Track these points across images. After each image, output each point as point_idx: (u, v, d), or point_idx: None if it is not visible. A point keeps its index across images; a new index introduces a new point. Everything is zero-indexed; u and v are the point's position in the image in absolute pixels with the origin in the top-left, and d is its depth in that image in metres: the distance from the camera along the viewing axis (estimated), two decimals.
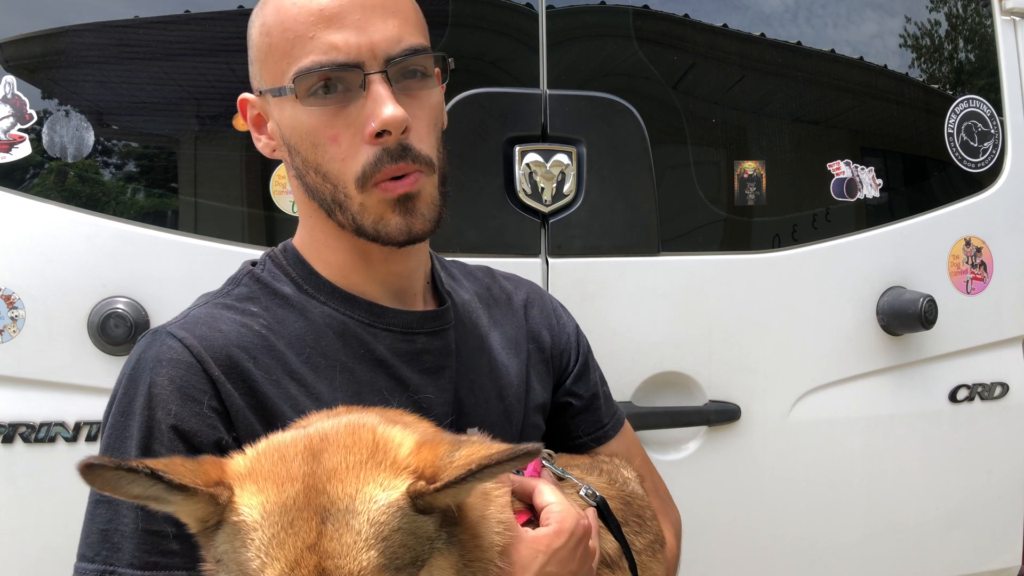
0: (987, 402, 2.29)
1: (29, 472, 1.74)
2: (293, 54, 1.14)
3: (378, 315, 1.22)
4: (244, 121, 1.28)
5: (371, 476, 0.87)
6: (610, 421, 1.49)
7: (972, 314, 2.28)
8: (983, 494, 2.29)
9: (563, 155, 1.98)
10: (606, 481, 1.29)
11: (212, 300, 1.22)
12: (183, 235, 1.82)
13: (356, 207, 1.16)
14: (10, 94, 1.78)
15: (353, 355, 1.19)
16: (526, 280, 1.52)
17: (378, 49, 1.12)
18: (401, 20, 1.16)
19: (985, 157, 2.34)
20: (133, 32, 1.85)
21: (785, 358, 2.12)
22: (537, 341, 1.42)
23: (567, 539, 1.01)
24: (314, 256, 1.25)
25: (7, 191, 1.76)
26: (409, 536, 0.86)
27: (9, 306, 1.73)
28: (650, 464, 1.55)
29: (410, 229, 1.17)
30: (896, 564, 2.23)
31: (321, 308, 1.21)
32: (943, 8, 2.37)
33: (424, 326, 1.25)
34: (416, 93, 1.17)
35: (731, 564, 2.12)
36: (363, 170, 1.14)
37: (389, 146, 1.13)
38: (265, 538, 0.84)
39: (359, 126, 1.13)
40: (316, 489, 0.86)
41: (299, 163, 1.19)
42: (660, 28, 2.16)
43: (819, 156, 2.23)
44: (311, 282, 1.23)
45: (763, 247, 2.18)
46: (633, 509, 1.27)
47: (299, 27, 1.13)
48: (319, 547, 0.83)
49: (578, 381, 1.46)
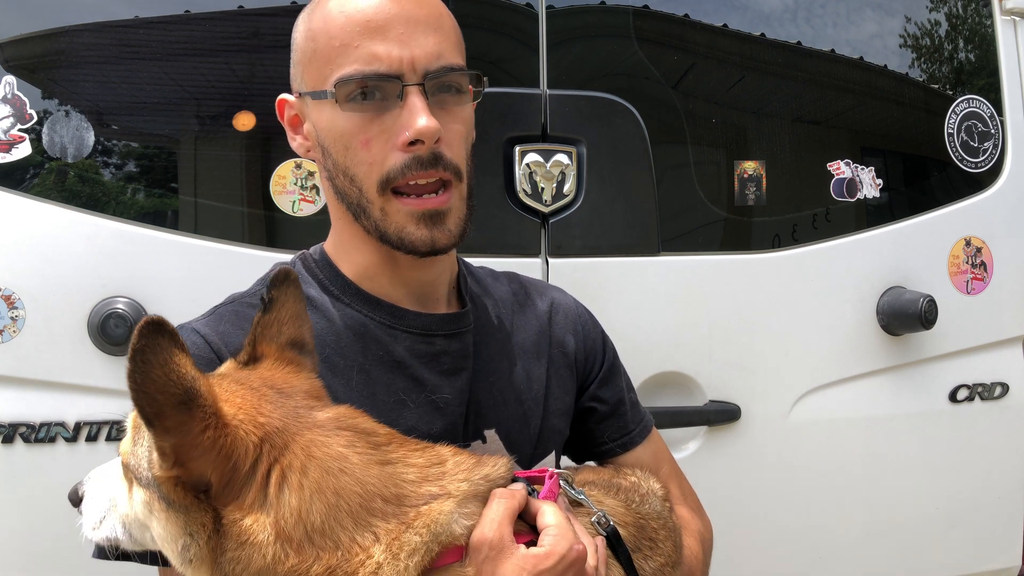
0: (987, 402, 2.29)
1: (29, 472, 1.74)
2: (337, 61, 1.18)
3: (399, 317, 1.26)
4: (280, 120, 1.32)
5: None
6: (636, 427, 1.49)
7: (972, 314, 2.28)
8: (983, 494, 2.29)
9: (563, 155, 1.98)
10: (623, 502, 1.28)
11: (239, 299, 1.28)
12: (183, 235, 1.83)
13: (377, 212, 1.20)
14: (10, 94, 1.78)
15: (372, 356, 1.24)
16: (553, 286, 1.55)
17: (418, 63, 1.17)
18: (442, 37, 1.21)
19: (985, 157, 2.34)
20: (133, 32, 1.85)
21: (785, 358, 2.12)
22: (561, 346, 1.44)
23: (556, 562, 1.01)
24: (342, 258, 1.30)
25: (7, 191, 1.76)
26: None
27: (9, 306, 1.73)
28: (679, 472, 1.55)
29: (434, 242, 1.20)
30: (896, 564, 2.23)
31: (344, 310, 1.26)
32: (943, 8, 2.37)
33: (443, 328, 1.28)
34: (450, 108, 1.22)
35: (731, 564, 2.12)
36: (387, 174, 1.18)
37: (421, 155, 1.17)
38: None
39: (392, 134, 1.17)
40: None
41: (331, 165, 1.23)
42: (660, 28, 2.16)
43: (819, 156, 2.23)
44: (337, 284, 1.28)
45: (763, 247, 2.18)
46: (646, 533, 1.26)
47: (345, 36, 1.18)
48: None
49: (604, 386, 1.47)
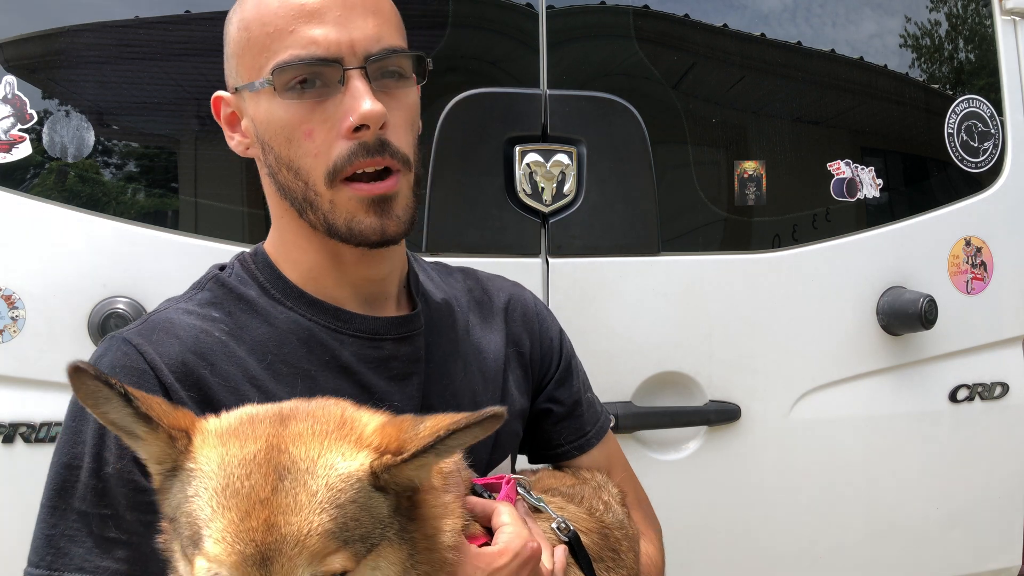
0: (987, 402, 2.29)
1: (29, 472, 1.74)
2: (272, 48, 1.13)
3: (344, 320, 1.20)
4: (216, 119, 1.25)
5: (334, 445, 0.88)
6: (592, 429, 1.45)
7: (972, 314, 2.28)
8: (983, 494, 2.29)
9: (563, 155, 1.98)
10: (586, 511, 1.25)
11: (173, 305, 1.20)
12: (183, 235, 1.83)
13: (326, 205, 1.14)
14: (10, 94, 1.78)
15: (317, 361, 1.18)
16: (509, 282, 1.49)
17: (358, 46, 1.12)
18: (381, 20, 1.16)
19: (985, 157, 2.34)
20: (133, 32, 1.85)
21: (785, 358, 2.12)
22: (517, 345, 1.40)
23: (510, 559, 1.00)
24: (284, 259, 1.23)
25: (7, 191, 1.76)
26: (363, 511, 0.86)
27: (9, 306, 1.73)
28: (632, 474, 1.52)
29: (384, 230, 1.15)
30: (896, 564, 2.23)
31: (287, 313, 1.19)
32: (943, 8, 2.37)
33: (392, 331, 1.22)
34: (394, 92, 1.16)
35: (731, 564, 2.12)
36: (335, 164, 1.12)
37: (367, 141, 1.12)
38: (219, 487, 0.84)
39: (336, 121, 1.12)
40: (278, 448, 0.86)
41: (272, 160, 1.17)
42: (660, 28, 2.16)
43: (819, 156, 2.23)
44: (278, 287, 1.21)
45: (763, 247, 2.18)
46: (609, 543, 1.23)
47: (279, 21, 1.12)
48: (272, 502, 0.82)
49: (560, 387, 1.43)
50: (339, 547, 0.83)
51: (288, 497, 0.83)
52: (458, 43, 2.02)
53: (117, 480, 1.05)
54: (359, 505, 0.86)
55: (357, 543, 0.85)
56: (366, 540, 0.86)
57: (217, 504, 0.84)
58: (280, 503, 0.83)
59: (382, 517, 0.88)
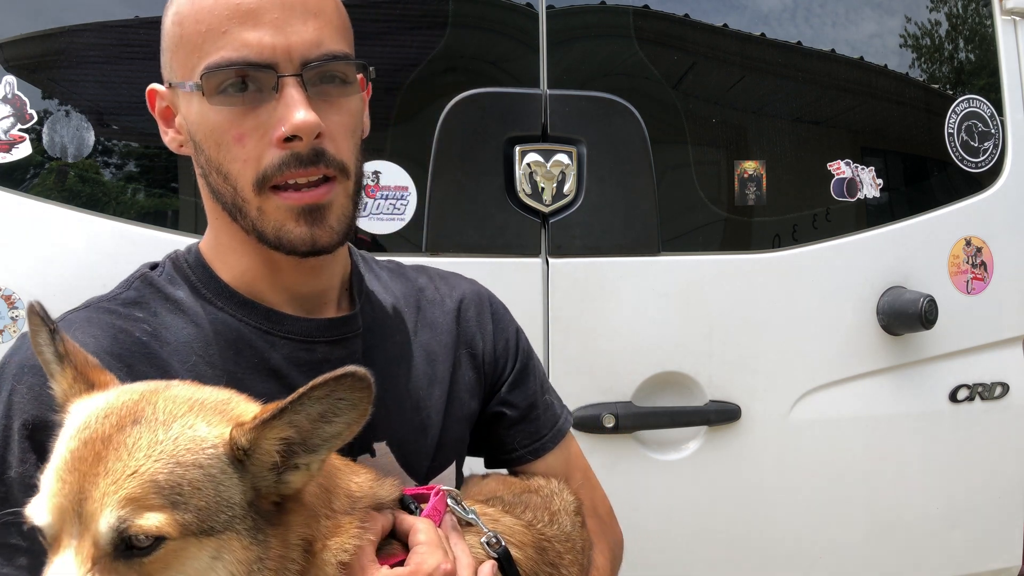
0: (987, 402, 2.29)
1: None
2: (204, 48, 1.08)
3: (276, 322, 1.16)
4: (151, 112, 1.20)
5: (204, 413, 0.88)
6: (549, 432, 1.39)
7: (972, 314, 2.28)
8: (983, 494, 2.29)
9: (563, 155, 1.98)
10: (525, 523, 1.19)
11: (95, 304, 1.15)
12: (183, 235, 1.82)
13: (255, 212, 1.10)
14: (10, 94, 1.78)
15: (245, 364, 1.13)
16: (466, 280, 1.43)
17: (294, 51, 1.07)
18: (323, 23, 1.10)
19: (985, 157, 2.34)
20: (133, 32, 1.85)
21: (785, 358, 2.12)
22: (470, 347, 1.34)
23: None
24: (218, 260, 1.19)
25: (7, 191, 1.76)
26: (209, 482, 0.84)
27: (9, 306, 1.73)
28: (592, 480, 1.46)
29: (314, 240, 1.10)
30: (896, 564, 2.23)
31: (216, 314, 1.15)
32: (943, 8, 2.37)
33: (326, 334, 1.18)
34: (334, 100, 1.11)
35: (731, 563, 2.12)
36: (264, 172, 1.07)
37: (300, 152, 1.07)
38: (79, 422, 0.86)
39: (267, 128, 1.07)
40: (148, 401, 0.87)
41: (203, 161, 1.13)
42: (660, 28, 2.16)
43: (819, 156, 2.23)
44: (210, 287, 1.17)
45: (763, 247, 2.18)
46: (547, 556, 1.18)
47: (213, 20, 1.07)
48: (112, 440, 0.82)
49: (514, 389, 1.37)
50: (163, 505, 0.80)
51: (130, 439, 0.82)
52: (458, 43, 2.02)
53: (19, 484, 1.02)
54: (205, 473, 0.83)
55: (188, 513, 0.81)
56: (204, 518, 0.83)
57: (68, 439, 0.84)
58: (119, 441, 0.82)
59: (232, 501, 0.85)
